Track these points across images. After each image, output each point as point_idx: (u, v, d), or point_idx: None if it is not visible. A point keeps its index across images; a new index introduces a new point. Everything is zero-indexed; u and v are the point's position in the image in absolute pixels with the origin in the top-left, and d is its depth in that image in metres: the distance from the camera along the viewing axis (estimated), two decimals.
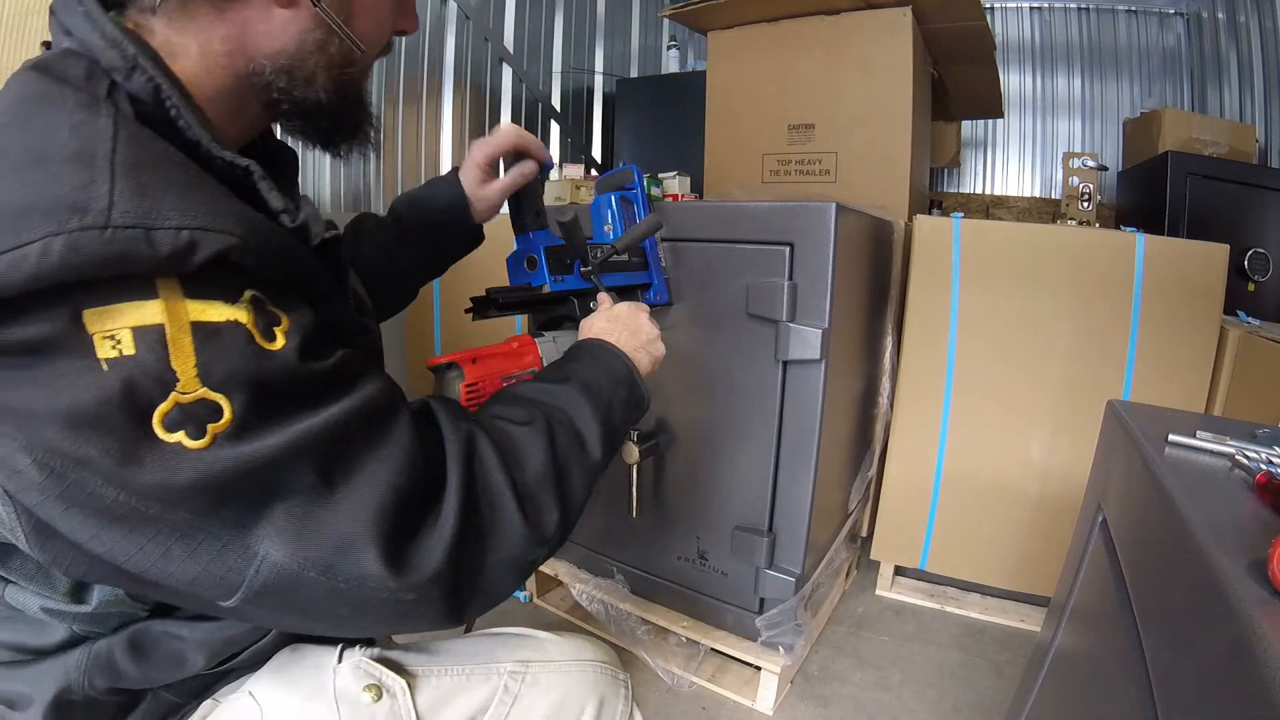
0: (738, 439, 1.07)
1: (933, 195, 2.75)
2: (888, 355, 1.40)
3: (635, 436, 1.08)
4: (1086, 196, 1.89)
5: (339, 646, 0.53)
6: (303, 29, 0.46)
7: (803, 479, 1.02)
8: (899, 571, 1.51)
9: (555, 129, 2.69)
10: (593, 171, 2.29)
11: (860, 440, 1.36)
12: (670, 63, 2.86)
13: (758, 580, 1.08)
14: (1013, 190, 2.98)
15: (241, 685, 0.52)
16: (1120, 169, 2.39)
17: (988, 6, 2.83)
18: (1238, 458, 0.51)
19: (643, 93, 2.64)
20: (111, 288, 0.32)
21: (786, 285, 0.96)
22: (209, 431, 0.34)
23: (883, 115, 1.63)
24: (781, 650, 1.10)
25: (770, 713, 1.10)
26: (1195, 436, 0.55)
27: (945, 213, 1.59)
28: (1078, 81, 2.88)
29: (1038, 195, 2.91)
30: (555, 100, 2.64)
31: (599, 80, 2.87)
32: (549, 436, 0.50)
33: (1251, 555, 0.35)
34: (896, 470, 1.40)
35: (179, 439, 0.33)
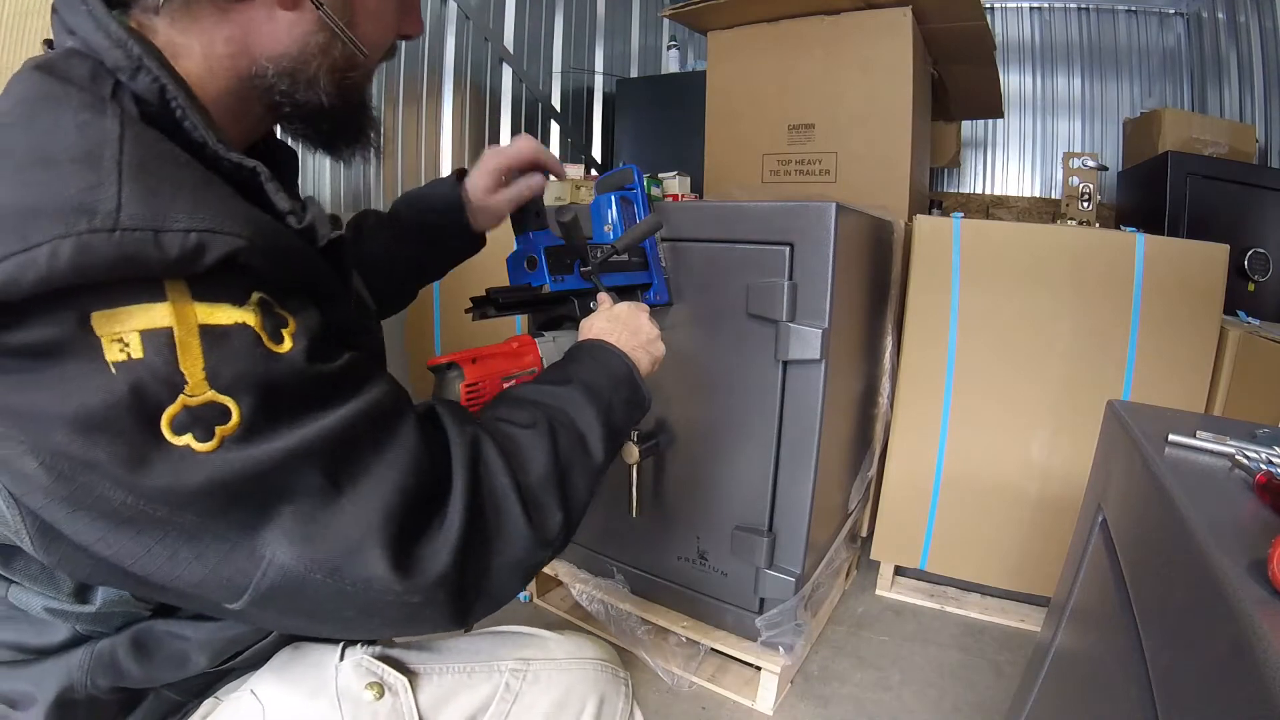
0: (738, 439, 1.07)
1: (933, 195, 2.74)
2: (888, 355, 1.40)
3: (635, 436, 1.08)
4: (1086, 196, 1.89)
5: (341, 645, 0.53)
6: (306, 31, 0.46)
7: (803, 479, 1.02)
8: (899, 571, 1.51)
9: (555, 129, 2.69)
10: (593, 171, 2.29)
11: (860, 440, 1.36)
12: (670, 63, 2.86)
13: (758, 580, 1.08)
14: (1013, 190, 2.98)
15: (243, 683, 0.52)
16: (1120, 169, 2.39)
17: (988, 6, 2.83)
18: (1238, 458, 0.51)
19: (643, 93, 2.64)
20: (119, 290, 0.32)
21: (786, 285, 0.96)
22: (217, 434, 0.33)
23: (883, 115, 1.63)
24: (781, 650, 1.10)
25: (770, 713, 1.10)
26: (1195, 436, 0.54)
27: (945, 213, 1.59)
28: (1078, 81, 2.88)
29: (1038, 195, 2.91)
30: (555, 100, 2.64)
31: (599, 80, 2.87)
32: (552, 439, 0.50)
33: (1251, 555, 0.35)
34: (896, 470, 1.40)
35: (187, 442, 0.33)
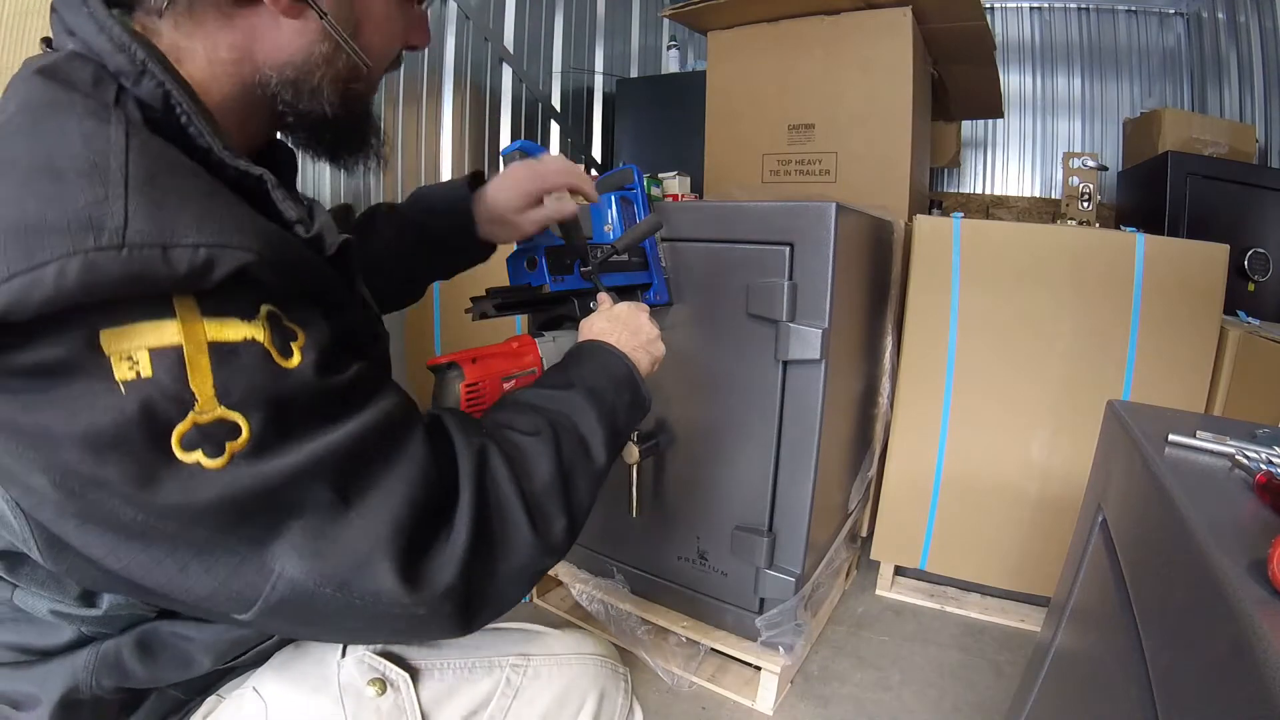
0: (738, 439, 1.07)
1: (933, 195, 2.74)
2: (888, 355, 1.40)
3: (635, 436, 1.08)
4: (1086, 196, 1.89)
5: None
6: (310, 40, 0.45)
7: (803, 479, 1.02)
8: (899, 571, 1.51)
9: (555, 129, 2.69)
10: (593, 171, 2.29)
11: (860, 440, 1.36)
12: (670, 63, 2.86)
13: (758, 580, 1.08)
14: (1013, 190, 2.98)
15: (246, 681, 0.52)
16: (1120, 169, 2.39)
17: (988, 6, 2.83)
18: (1238, 458, 0.51)
19: (643, 93, 2.64)
20: (128, 307, 0.31)
21: (786, 285, 0.96)
22: (227, 450, 0.33)
23: (883, 115, 1.63)
24: (781, 650, 1.10)
25: (770, 713, 1.10)
26: (1195, 436, 0.54)
27: (945, 213, 1.59)
28: (1078, 81, 2.88)
29: (1038, 195, 2.91)
30: (555, 100, 2.64)
31: (599, 80, 2.87)
32: (555, 445, 0.49)
33: (1251, 555, 0.35)
34: (896, 470, 1.40)
35: (197, 458, 0.33)
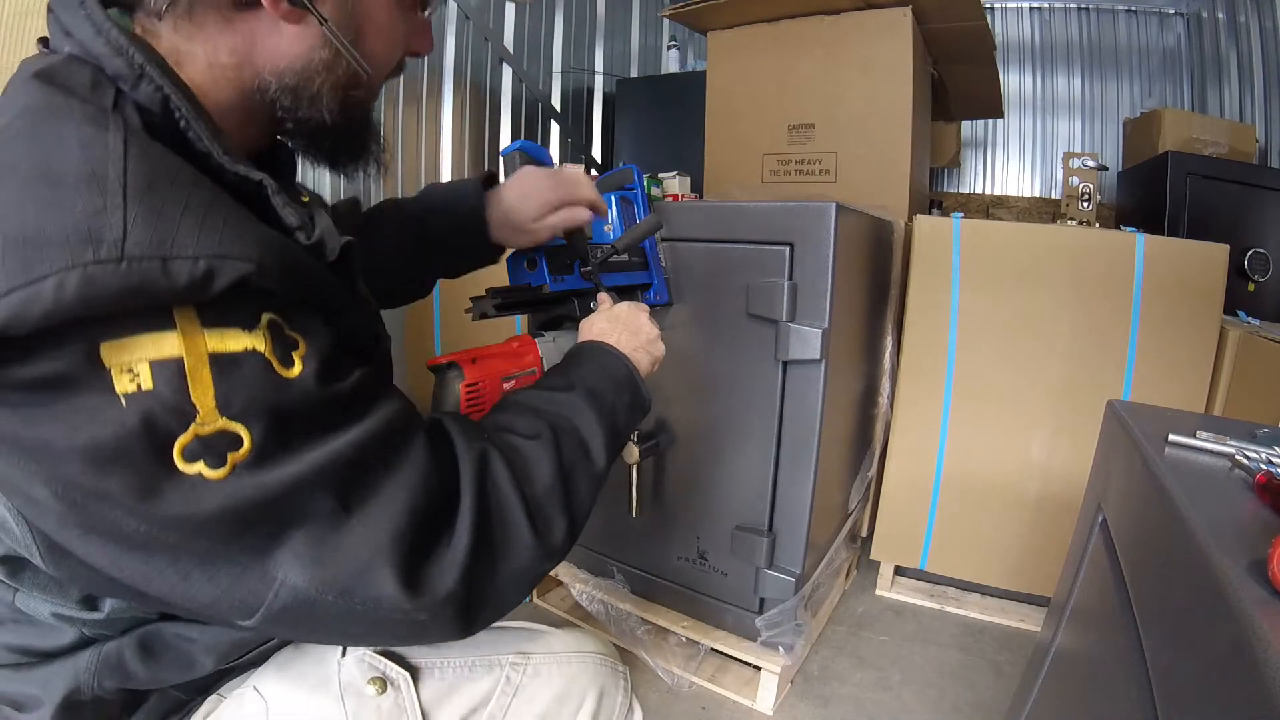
0: (738, 439, 1.07)
1: (933, 195, 2.74)
2: (888, 355, 1.40)
3: (635, 437, 1.08)
4: (1086, 196, 1.89)
5: None
6: (310, 46, 0.45)
7: (803, 479, 1.02)
8: (899, 571, 1.51)
9: (555, 129, 2.69)
10: (593, 171, 2.29)
11: (860, 440, 1.36)
12: (670, 63, 2.86)
13: (758, 580, 1.08)
14: (1013, 190, 2.98)
15: (246, 680, 0.52)
16: (1120, 169, 2.39)
17: (988, 6, 2.83)
18: (1238, 458, 0.51)
19: (643, 93, 2.64)
20: (128, 320, 0.31)
21: (786, 285, 0.96)
22: (229, 461, 0.33)
23: (883, 115, 1.63)
24: (781, 650, 1.10)
25: (770, 713, 1.10)
26: (1195, 436, 0.54)
27: (945, 213, 1.59)
28: (1078, 81, 2.88)
29: (1038, 195, 2.91)
30: (555, 100, 2.64)
31: (599, 80, 2.87)
32: (556, 448, 0.49)
33: (1251, 555, 0.35)
34: (896, 470, 1.40)
35: (199, 469, 0.33)
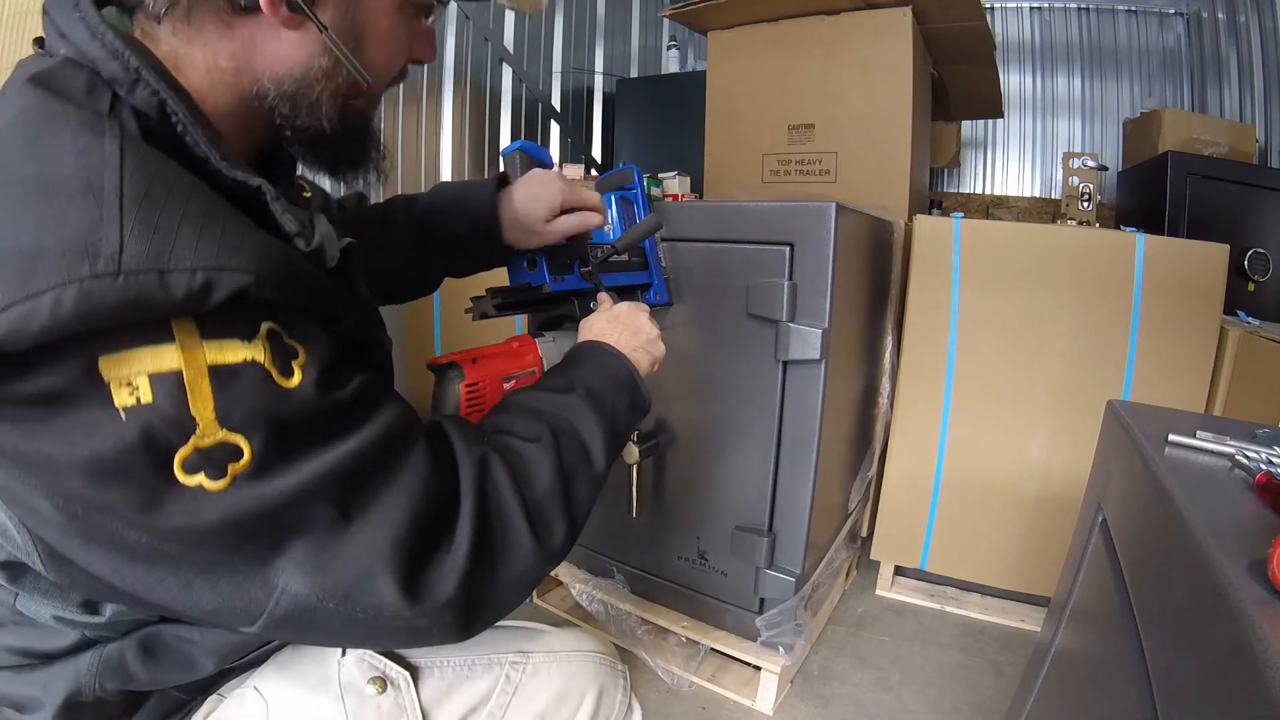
0: (738, 439, 1.07)
1: (933, 195, 2.74)
2: (888, 355, 1.40)
3: (635, 436, 1.08)
4: (1086, 196, 1.89)
5: None
6: (310, 54, 0.44)
7: (803, 479, 1.02)
8: (899, 571, 1.51)
9: (555, 129, 2.69)
10: (593, 171, 2.29)
11: (860, 440, 1.36)
12: (670, 63, 2.86)
13: (758, 580, 1.08)
14: (1013, 190, 2.98)
15: (246, 680, 0.52)
16: (1120, 169, 2.39)
17: (988, 6, 2.83)
18: (1238, 458, 0.51)
19: (643, 93, 2.64)
20: (126, 333, 0.31)
21: (786, 285, 0.96)
22: (229, 472, 0.33)
23: (883, 115, 1.63)
24: (781, 650, 1.10)
25: (770, 713, 1.10)
26: (1195, 436, 0.54)
27: (945, 213, 1.59)
28: (1078, 81, 2.88)
29: (1038, 195, 2.92)
30: (555, 100, 2.64)
31: (599, 80, 2.87)
32: (556, 451, 0.49)
33: (1251, 555, 0.35)
34: (896, 470, 1.40)
35: (199, 481, 0.33)
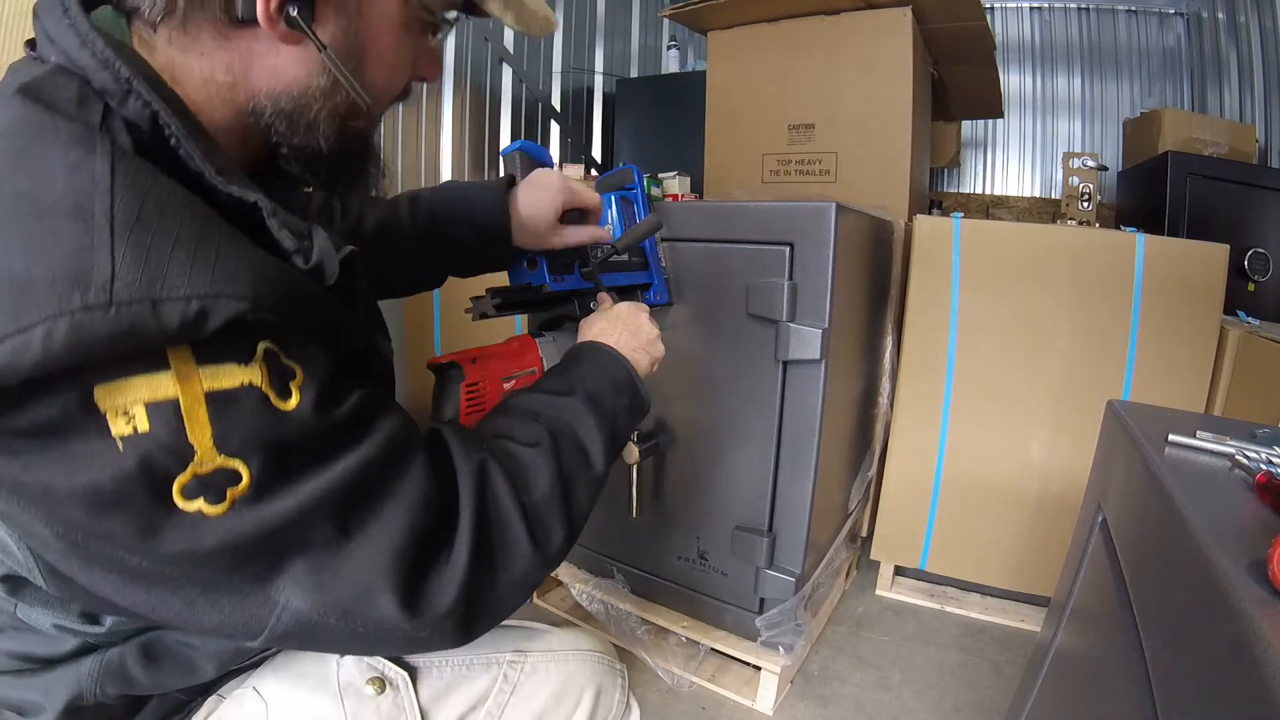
0: (738, 439, 1.07)
1: (933, 195, 2.74)
2: (888, 355, 1.40)
3: (635, 437, 1.08)
4: (1086, 196, 1.89)
5: None
6: (309, 71, 0.43)
7: (803, 479, 1.02)
8: (899, 571, 1.51)
9: (555, 129, 2.69)
10: (593, 171, 2.29)
11: (860, 440, 1.36)
12: (670, 63, 2.85)
13: (758, 580, 1.08)
14: (1013, 190, 2.98)
15: (246, 680, 0.53)
16: (1120, 169, 2.39)
17: (988, 6, 2.83)
18: (1238, 458, 0.51)
19: (643, 93, 2.64)
20: (121, 363, 0.31)
21: (786, 285, 0.96)
22: (228, 497, 0.33)
23: (883, 115, 1.63)
24: (781, 650, 1.10)
25: (770, 713, 1.10)
26: (1195, 436, 0.54)
27: (945, 213, 1.59)
28: (1078, 81, 2.88)
29: (1038, 195, 2.91)
30: (555, 100, 2.64)
31: (599, 80, 2.87)
32: (555, 455, 0.49)
33: (1251, 555, 0.35)
34: (896, 470, 1.40)
35: (198, 507, 0.33)
